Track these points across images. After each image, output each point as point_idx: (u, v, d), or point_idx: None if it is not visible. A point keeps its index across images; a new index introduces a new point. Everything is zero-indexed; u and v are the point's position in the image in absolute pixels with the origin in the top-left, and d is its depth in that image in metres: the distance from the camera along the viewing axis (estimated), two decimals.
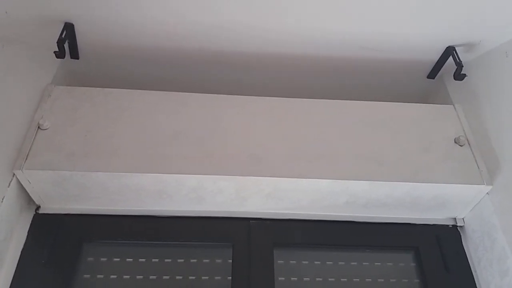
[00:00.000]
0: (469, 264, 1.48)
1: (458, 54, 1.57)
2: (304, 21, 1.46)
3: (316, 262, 1.48)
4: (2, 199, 1.26)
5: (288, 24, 1.48)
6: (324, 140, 1.47)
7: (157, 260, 1.44)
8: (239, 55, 1.65)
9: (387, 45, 1.60)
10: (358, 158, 1.44)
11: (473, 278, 1.45)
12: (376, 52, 1.63)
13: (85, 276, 1.39)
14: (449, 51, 1.59)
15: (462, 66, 1.55)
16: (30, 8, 1.39)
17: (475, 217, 1.50)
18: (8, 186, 1.29)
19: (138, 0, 1.37)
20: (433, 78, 1.76)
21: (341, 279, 1.46)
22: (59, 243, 1.40)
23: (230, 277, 1.40)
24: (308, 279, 1.45)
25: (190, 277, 1.42)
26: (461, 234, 1.54)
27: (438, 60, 1.67)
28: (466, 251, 1.50)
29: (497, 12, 1.40)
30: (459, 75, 1.57)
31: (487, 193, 1.43)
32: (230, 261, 1.43)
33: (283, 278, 1.44)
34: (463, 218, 1.56)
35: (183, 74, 1.75)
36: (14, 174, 1.31)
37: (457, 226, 1.56)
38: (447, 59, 1.63)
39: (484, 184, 1.41)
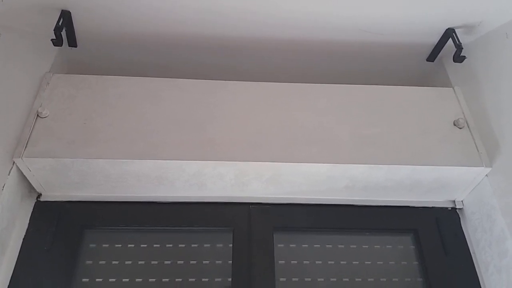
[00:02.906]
0: (468, 246, 1.49)
1: (458, 36, 1.56)
2: (302, 5, 1.45)
3: (315, 246, 1.50)
4: (3, 187, 1.27)
5: (287, 8, 1.47)
6: (323, 124, 1.48)
7: (158, 245, 1.45)
8: (238, 40, 1.64)
9: (386, 28, 1.59)
10: (358, 142, 1.44)
11: (472, 259, 1.47)
12: (375, 35, 1.62)
13: (87, 262, 1.41)
14: (449, 33, 1.58)
15: (462, 48, 1.54)
16: None
17: (474, 199, 1.50)
18: (8, 174, 1.30)
19: None
20: (433, 61, 1.75)
21: (341, 262, 1.47)
22: (61, 230, 1.41)
23: (231, 261, 1.42)
24: (308, 262, 1.47)
25: (192, 262, 1.43)
26: (460, 216, 1.55)
27: (437, 42, 1.66)
28: (465, 233, 1.51)
29: None
30: (458, 57, 1.56)
31: (486, 175, 1.44)
32: (231, 245, 1.45)
33: (283, 262, 1.45)
34: (462, 201, 1.57)
35: (181, 61, 1.74)
36: (14, 162, 1.32)
37: (456, 208, 1.56)
38: (446, 41, 1.62)
39: (483, 166, 1.41)
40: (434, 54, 1.72)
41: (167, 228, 1.48)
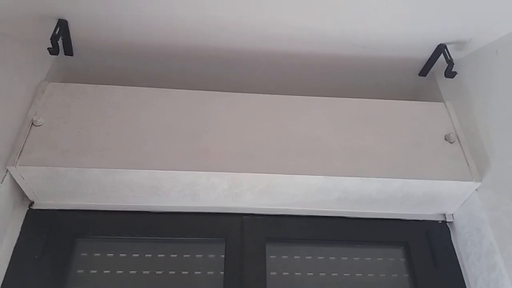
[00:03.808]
0: (457, 259, 1.50)
1: (449, 51, 1.59)
2: (297, 19, 1.47)
3: (307, 257, 1.50)
4: None
5: (281, 23, 1.49)
6: (316, 136, 1.49)
7: (150, 255, 1.45)
8: (233, 52, 1.65)
9: (380, 43, 1.61)
10: (350, 155, 1.46)
11: (461, 273, 1.48)
12: (369, 50, 1.64)
13: (79, 271, 1.40)
14: (440, 49, 1.60)
15: (453, 64, 1.56)
16: (23, 4, 1.38)
17: (464, 213, 1.52)
18: (1, 182, 1.29)
19: None
20: (425, 76, 1.77)
21: (332, 274, 1.48)
22: (53, 238, 1.40)
23: (223, 272, 1.42)
24: (299, 274, 1.47)
25: (183, 272, 1.43)
26: (450, 229, 1.56)
27: (429, 57, 1.68)
28: (455, 247, 1.53)
29: (487, 11, 1.41)
30: (450, 73, 1.58)
31: (476, 189, 1.45)
32: (223, 256, 1.45)
33: (275, 273, 1.46)
34: (452, 214, 1.58)
35: (176, 71, 1.75)
36: (7, 170, 1.31)
37: (446, 222, 1.58)
38: (438, 57, 1.64)
39: (473, 181, 1.43)
40: (426, 69, 1.74)
41: (159, 238, 1.48)
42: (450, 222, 1.57)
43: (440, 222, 1.58)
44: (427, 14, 1.44)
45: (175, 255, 1.46)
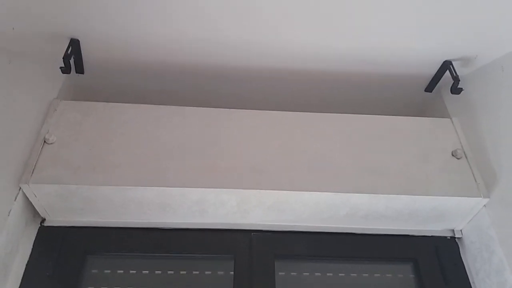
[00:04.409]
0: (467, 276, 1.49)
1: (455, 68, 1.60)
2: (304, 37, 1.49)
3: (316, 274, 1.50)
4: (9, 212, 1.28)
5: (288, 40, 1.51)
6: (324, 153, 1.50)
7: (160, 272, 1.45)
8: (240, 69, 1.67)
9: (386, 60, 1.62)
10: (358, 171, 1.46)
11: None
12: (375, 66, 1.65)
13: None
14: (446, 65, 1.62)
15: (459, 80, 1.58)
16: (36, 24, 1.42)
17: (473, 229, 1.52)
18: (15, 200, 1.31)
19: (140, 17, 1.40)
20: (431, 92, 1.79)
21: None
22: (64, 255, 1.41)
23: None
24: None
25: None
26: (459, 245, 1.56)
27: (435, 74, 1.70)
28: (464, 263, 1.52)
29: (492, 27, 1.42)
30: (456, 89, 1.59)
31: (484, 205, 1.45)
32: (232, 273, 1.45)
33: None
34: (461, 230, 1.58)
35: (185, 89, 1.77)
36: (20, 188, 1.33)
37: (455, 237, 1.57)
38: (444, 73, 1.66)
39: (481, 197, 1.43)
40: (432, 85, 1.76)
41: (168, 254, 1.48)
42: (459, 238, 1.57)
43: (449, 238, 1.57)
44: (433, 30, 1.45)
45: (184, 272, 1.46)
